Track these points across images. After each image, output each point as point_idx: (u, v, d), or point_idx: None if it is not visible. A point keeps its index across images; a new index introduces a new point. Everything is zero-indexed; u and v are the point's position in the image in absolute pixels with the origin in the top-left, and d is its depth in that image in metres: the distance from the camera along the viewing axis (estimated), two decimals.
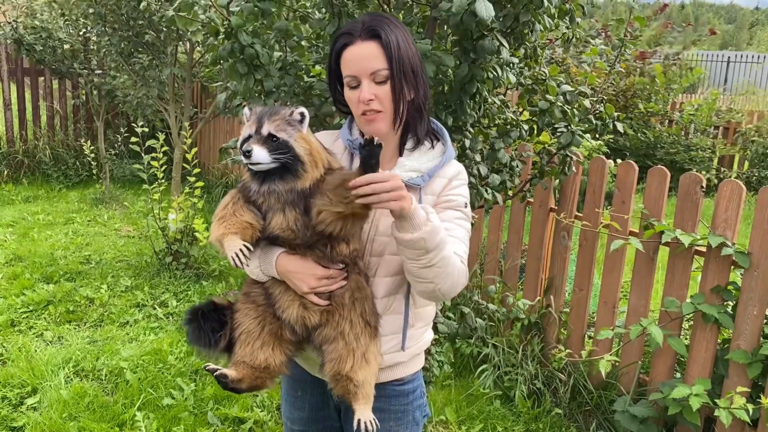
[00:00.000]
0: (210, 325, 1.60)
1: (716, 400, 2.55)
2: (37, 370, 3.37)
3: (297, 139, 1.44)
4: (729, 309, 2.75)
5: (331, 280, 1.51)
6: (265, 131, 1.42)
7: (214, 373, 1.50)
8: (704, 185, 2.80)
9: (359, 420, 1.49)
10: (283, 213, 1.45)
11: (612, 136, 2.71)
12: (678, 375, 2.99)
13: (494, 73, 2.07)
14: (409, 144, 1.61)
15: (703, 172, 7.67)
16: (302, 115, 1.47)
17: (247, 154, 1.39)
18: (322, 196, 1.42)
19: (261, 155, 1.40)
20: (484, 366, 3.44)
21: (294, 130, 1.45)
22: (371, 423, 1.49)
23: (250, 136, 1.44)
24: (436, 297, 1.53)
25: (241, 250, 1.41)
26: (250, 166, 1.43)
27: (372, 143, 1.31)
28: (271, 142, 1.42)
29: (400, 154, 1.61)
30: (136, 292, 4.50)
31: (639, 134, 8.11)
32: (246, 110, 1.50)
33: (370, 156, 1.32)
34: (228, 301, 1.64)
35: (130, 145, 4.95)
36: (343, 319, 1.52)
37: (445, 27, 2.23)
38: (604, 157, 3.32)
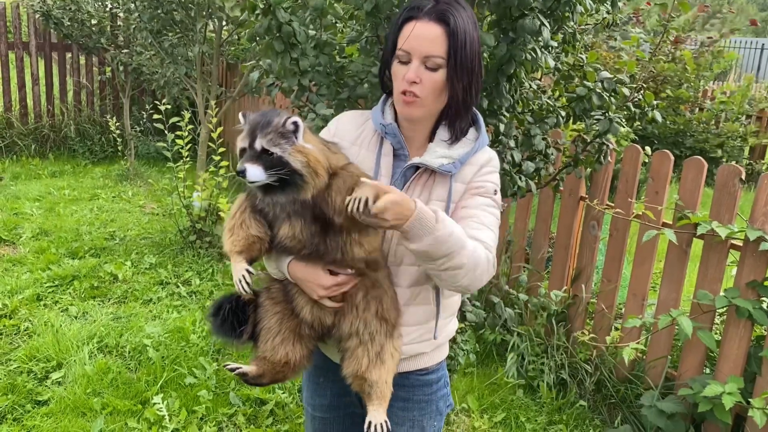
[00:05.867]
0: (233, 318, 1.60)
1: (750, 400, 2.48)
2: (62, 345, 3.40)
3: (291, 153, 1.35)
4: (765, 306, 2.67)
5: (341, 285, 1.49)
6: (258, 146, 1.35)
7: (234, 372, 1.54)
8: (743, 177, 2.72)
9: (370, 422, 1.47)
10: (289, 222, 1.42)
11: (639, 123, 2.61)
12: (707, 371, 2.93)
13: (533, 54, 2.00)
14: (444, 135, 1.54)
15: (733, 162, 7.50)
16: (296, 125, 1.37)
17: (241, 173, 1.34)
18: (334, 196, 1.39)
19: (255, 173, 1.34)
20: (510, 355, 3.40)
21: (288, 144, 1.36)
22: (382, 426, 1.47)
23: (244, 150, 1.38)
24: (458, 291, 1.51)
25: (243, 276, 1.43)
26: (248, 183, 1.38)
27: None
28: (266, 156, 1.35)
29: (430, 140, 1.55)
30: (160, 269, 4.51)
31: (668, 122, 7.94)
32: (240, 116, 1.43)
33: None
34: (252, 292, 1.63)
35: (154, 123, 4.94)
36: (356, 319, 1.50)
37: (484, 10, 2.16)
38: (636, 145, 3.23)
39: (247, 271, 1.44)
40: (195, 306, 4.02)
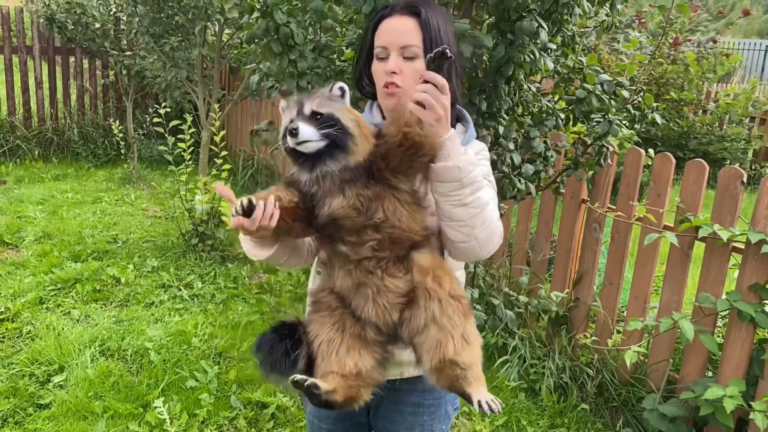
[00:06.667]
0: (284, 346, 1.41)
1: (751, 403, 2.47)
2: (64, 348, 3.40)
3: (342, 111, 1.35)
4: (767, 309, 2.66)
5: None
6: (307, 110, 1.34)
7: (304, 384, 1.31)
8: (745, 180, 2.71)
9: (479, 401, 1.34)
10: (342, 193, 1.34)
11: (639, 126, 2.61)
12: (710, 374, 2.92)
13: (531, 56, 2.00)
14: None
15: (737, 165, 7.47)
16: (342, 89, 1.40)
17: (294, 132, 1.29)
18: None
19: (308, 132, 1.30)
20: (507, 358, 3.39)
21: (337, 104, 1.37)
22: (494, 402, 1.35)
23: (291, 121, 1.34)
24: (472, 249, 1.41)
25: (242, 200, 1.29)
26: (298, 147, 1.33)
27: (443, 56, 1.29)
28: (316, 119, 1.33)
29: None
30: (162, 272, 4.52)
31: (672, 124, 7.92)
32: (282, 103, 1.42)
33: (438, 70, 1.31)
34: (296, 318, 1.49)
35: (155, 127, 4.96)
36: (431, 302, 1.37)
37: (482, 12, 2.16)
38: (637, 147, 3.23)
39: (250, 198, 1.29)
40: (197, 309, 4.03)
